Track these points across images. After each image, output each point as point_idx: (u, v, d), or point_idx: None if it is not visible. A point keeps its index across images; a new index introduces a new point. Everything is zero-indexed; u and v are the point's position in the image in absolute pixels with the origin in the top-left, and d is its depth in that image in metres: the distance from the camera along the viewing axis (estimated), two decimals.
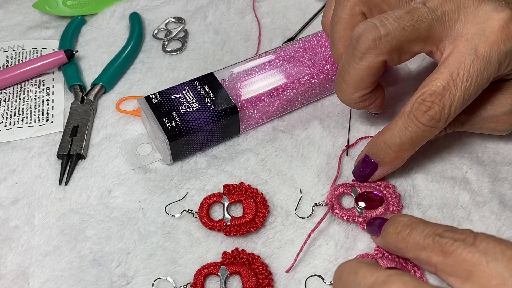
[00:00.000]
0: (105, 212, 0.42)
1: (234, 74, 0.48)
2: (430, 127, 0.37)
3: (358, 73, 0.38)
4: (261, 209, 0.41)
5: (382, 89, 0.42)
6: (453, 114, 0.36)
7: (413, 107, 0.37)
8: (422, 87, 0.37)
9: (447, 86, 0.35)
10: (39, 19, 0.59)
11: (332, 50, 0.43)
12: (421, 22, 0.36)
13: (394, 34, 0.36)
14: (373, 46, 0.36)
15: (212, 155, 0.46)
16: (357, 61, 0.38)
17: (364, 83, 0.39)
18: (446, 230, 0.29)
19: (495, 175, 0.44)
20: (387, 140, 0.39)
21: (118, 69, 0.53)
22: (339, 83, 0.40)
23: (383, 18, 0.37)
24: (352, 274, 0.26)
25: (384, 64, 0.38)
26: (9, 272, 0.39)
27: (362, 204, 0.41)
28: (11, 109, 0.50)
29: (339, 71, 0.40)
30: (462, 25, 0.36)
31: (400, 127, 0.38)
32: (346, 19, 0.41)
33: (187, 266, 0.39)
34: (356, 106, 0.42)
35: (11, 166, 0.46)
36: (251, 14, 0.58)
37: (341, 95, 0.41)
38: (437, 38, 0.37)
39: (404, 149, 0.38)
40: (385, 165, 0.40)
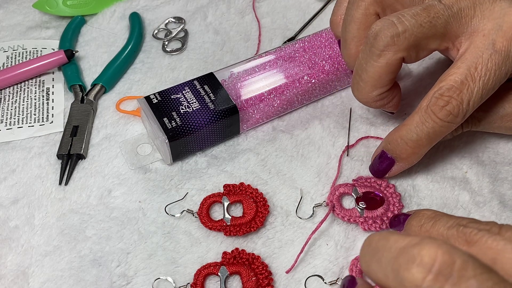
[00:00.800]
0: (105, 212, 0.42)
1: (234, 74, 0.48)
2: (447, 122, 0.36)
3: (376, 70, 0.38)
4: (261, 209, 0.41)
5: (398, 87, 0.42)
6: (471, 109, 0.36)
7: (430, 102, 0.36)
8: (440, 81, 0.36)
9: (465, 81, 0.35)
10: (39, 19, 0.59)
11: (344, 50, 0.43)
12: (438, 18, 0.36)
13: (412, 30, 0.36)
14: (391, 43, 0.36)
15: (212, 155, 0.46)
16: (375, 59, 0.37)
17: (383, 81, 0.39)
18: (470, 221, 0.29)
19: (495, 175, 0.44)
20: (404, 135, 0.38)
21: (118, 69, 0.53)
22: (356, 82, 0.40)
23: (400, 15, 0.36)
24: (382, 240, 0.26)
25: (402, 61, 0.38)
26: (9, 272, 0.39)
27: (362, 204, 0.41)
28: (11, 109, 0.50)
29: (355, 70, 0.40)
30: (479, 21, 0.36)
31: (417, 122, 0.37)
32: (360, 19, 0.41)
33: (187, 266, 0.39)
34: (373, 105, 0.41)
35: (11, 166, 0.46)
36: (251, 14, 0.58)
37: (359, 94, 0.41)
38: (454, 34, 0.37)
39: (421, 145, 0.38)
40: (401, 160, 0.40)
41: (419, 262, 0.24)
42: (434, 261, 0.23)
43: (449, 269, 0.23)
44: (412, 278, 0.24)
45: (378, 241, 0.26)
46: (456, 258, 0.23)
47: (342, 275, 0.39)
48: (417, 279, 0.23)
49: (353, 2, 0.41)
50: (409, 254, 0.24)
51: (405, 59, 0.38)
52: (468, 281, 0.23)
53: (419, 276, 0.23)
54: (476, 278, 0.23)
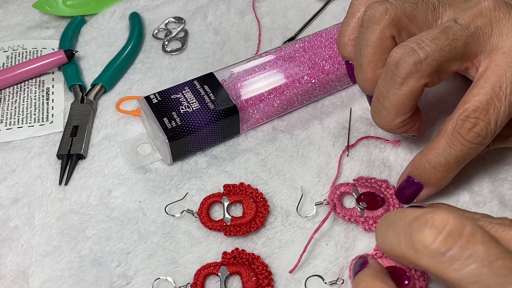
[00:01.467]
0: (105, 212, 0.42)
1: (234, 74, 0.48)
2: (476, 144, 0.36)
3: (399, 98, 0.37)
4: (261, 209, 0.41)
5: (419, 111, 0.41)
6: (499, 129, 0.35)
7: (456, 125, 0.36)
8: (464, 103, 0.36)
9: (491, 101, 0.35)
10: (39, 19, 0.59)
11: (359, 74, 0.41)
12: (457, 40, 0.35)
13: (434, 56, 0.35)
14: (414, 70, 0.35)
15: (212, 155, 0.46)
16: (397, 87, 0.36)
17: (406, 108, 0.38)
18: (483, 216, 0.30)
19: (495, 175, 0.44)
20: (432, 160, 0.38)
21: (118, 69, 0.53)
22: (378, 110, 0.39)
23: (419, 40, 0.36)
24: (399, 212, 0.27)
25: (424, 87, 0.37)
26: (9, 272, 0.39)
27: (363, 204, 0.41)
28: (11, 109, 0.50)
29: (376, 98, 0.39)
30: (497, 38, 0.36)
31: (444, 146, 0.37)
32: (375, 43, 0.39)
33: (187, 266, 0.39)
34: (397, 131, 0.40)
35: (11, 166, 0.46)
36: (251, 14, 0.58)
37: (381, 121, 0.40)
38: (473, 54, 0.36)
39: (450, 169, 0.37)
40: (431, 186, 0.39)
41: (431, 225, 0.25)
42: (445, 224, 0.25)
43: (459, 233, 0.24)
44: (423, 239, 0.25)
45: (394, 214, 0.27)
46: (467, 225, 0.25)
47: (342, 275, 0.39)
48: (427, 239, 0.25)
49: (367, 26, 0.39)
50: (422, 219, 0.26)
51: (428, 84, 0.37)
52: (476, 245, 0.24)
53: (429, 237, 0.25)
54: (483, 244, 0.24)
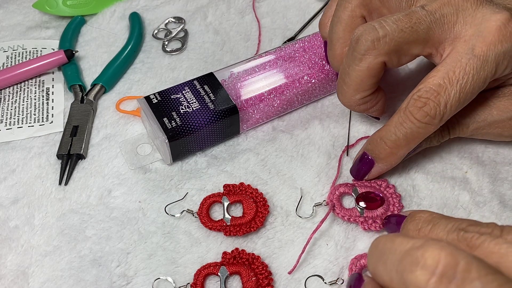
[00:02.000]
0: (105, 212, 0.42)
1: (234, 74, 0.48)
2: (425, 124, 0.37)
3: (358, 74, 0.39)
4: (261, 209, 0.41)
5: (383, 92, 0.42)
6: (448, 112, 0.37)
7: (409, 104, 0.37)
8: (419, 84, 0.37)
9: (443, 83, 0.36)
10: (39, 19, 0.59)
11: (329, 51, 0.44)
12: (420, 24, 0.37)
13: (393, 35, 0.37)
14: (371, 47, 0.37)
15: (212, 155, 0.46)
16: (357, 63, 0.38)
17: (364, 85, 0.39)
18: (470, 224, 0.29)
19: (495, 175, 0.44)
20: (383, 135, 0.39)
21: (118, 69, 0.53)
22: (340, 86, 0.41)
23: (382, 20, 0.37)
24: (389, 242, 0.26)
25: (383, 66, 0.38)
26: (9, 272, 0.39)
27: (362, 204, 0.41)
28: (11, 109, 0.50)
29: (340, 74, 0.41)
30: (461, 27, 0.37)
31: (396, 122, 0.38)
32: (346, 20, 0.41)
33: (187, 266, 0.39)
34: (357, 108, 0.42)
35: (11, 166, 0.46)
36: (251, 14, 0.58)
37: (342, 97, 0.42)
38: (437, 40, 0.37)
39: (399, 145, 0.39)
40: (380, 161, 0.41)
41: (422, 265, 0.24)
42: (437, 263, 0.23)
43: (453, 271, 0.23)
44: (416, 280, 0.24)
45: (384, 244, 0.26)
46: (460, 260, 0.23)
47: (342, 275, 0.39)
48: (421, 281, 0.23)
49: (340, 4, 0.42)
50: (413, 256, 0.24)
51: (387, 64, 0.38)
52: (472, 282, 0.23)
53: (423, 279, 0.23)
54: (480, 279, 0.23)
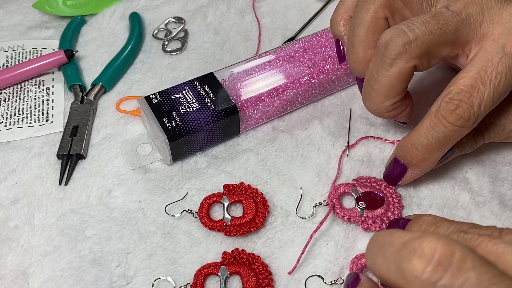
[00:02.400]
0: (105, 212, 0.42)
1: (234, 74, 0.48)
2: (458, 127, 0.36)
3: (389, 80, 0.37)
4: (261, 209, 0.41)
5: (410, 97, 0.41)
6: (482, 113, 0.36)
7: (440, 106, 0.36)
8: (449, 86, 0.36)
9: (475, 84, 0.35)
10: (39, 19, 0.59)
11: (351, 54, 0.42)
12: (447, 25, 0.36)
13: (423, 38, 0.36)
14: (403, 51, 0.36)
15: (212, 155, 0.46)
16: (387, 68, 0.37)
17: (395, 90, 0.38)
18: (471, 227, 0.29)
19: (495, 175, 0.44)
20: (414, 141, 0.38)
21: (118, 69, 0.53)
22: (368, 93, 0.39)
23: (410, 23, 0.36)
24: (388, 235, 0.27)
25: (414, 70, 0.37)
26: (9, 272, 0.39)
27: (363, 204, 0.41)
28: (11, 109, 0.50)
29: (366, 81, 0.39)
30: (488, 26, 0.36)
31: (427, 127, 0.37)
32: (368, 22, 0.40)
33: (187, 266, 0.39)
34: (386, 115, 0.40)
35: (11, 166, 0.46)
36: (251, 14, 0.58)
37: (371, 104, 0.40)
38: (464, 40, 0.37)
39: (431, 150, 0.38)
40: (413, 167, 0.39)
41: (419, 254, 0.24)
42: (434, 252, 0.24)
43: (449, 261, 0.24)
44: (412, 269, 0.24)
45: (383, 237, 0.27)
46: (456, 251, 0.24)
47: (342, 275, 0.39)
48: (417, 270, 0.24)
49: (362, 6, 0.40)
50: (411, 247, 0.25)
51: (417, 67, 0.37)
52: (467, 272, 0.23)
53: (419, 267, 0.24)
54: (475, 270, 0.23)
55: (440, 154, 0.38)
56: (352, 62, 0.42)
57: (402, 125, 0.45)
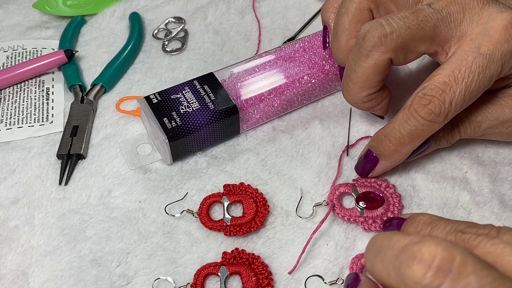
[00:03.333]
0: (105, 212, 0.42)
1: (234, 74, 0.48)
2: (429, 121, 0.37)
3: (364, 71, 0.39)
4: (261, 209, 0.41)
5: (388, 91, 0.42)
6: (453, 110, 0.37)
7: (413, 101, 0.37)
8: (424, 82, 0.37)
9: (448, 81, 0.36)
10: (39, 19, 0.59)
11: (333, 42, 0.43)
12: (426, 22, 0.37)
13: (400, 32, 0.37)
14: (378, 44, 0.37)
15: (212, 155, 0.46)
16: (363, 59, 0.38)
17: (370, 82, 0.39)
18: (468, 226, 0.29)
19: (495, 175, 0.44)
20: (387, 133, 0.39)
21: (118, 69, 0.53)
22: (346, 83, 0.41)
23: (389, 17, 0.37)
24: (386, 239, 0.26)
25: (390, 63, 0.38)
26: (9, 272, 0.39)
27: (363, 204, 0.41)
28: (11, 109, 0.50)
29: (345, 71, 0.41)
30: (467, 25, 0.37)
31: (400, 120, 0.38)
32: (353, 12, 0.41)
33: (187, 266, 0.39)
34: (362, 106, 0.42)
35: (11, 166, 0.46)
36: (251, 14, 0.58)
37: (348, 94, 0.41)
38: (443, 38, 0.38)
39: (403, 143, 0.39)
40: (384, 158, 0.40)
41: (419, 259, 0.24)
42: (433, 257, 0.24)
43: (449, 266, 0.23)
44: (412, 274, 0.24)
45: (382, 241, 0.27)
46: (456, 255, 0.24)
47: (342, 275, 0.39)
48: (417, 275, 0.24)
49: None
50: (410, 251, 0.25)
51: (393, 61, 0.38)
52: (468, 277, 0.23)
53: (419, 273, 0.24)
54: (475, 274, 0.23)
55: (411, 148, 0.39)
56: (334, 49, 0.44)
57: (380, 118, 0.46)
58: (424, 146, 0.41)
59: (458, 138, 0.42)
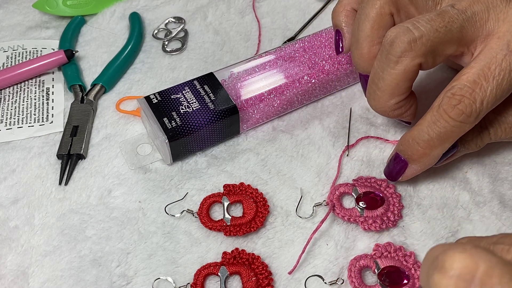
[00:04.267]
0: (105, 212, 0.42)
1: (234, 74, 0.48)
2: (460, 122, 0.36)
3: (394, 78, 0.37)
4: (261, 209, 0.41)
5: (415, 96, 0.41)
6: (485, 109, 0.35)
7: (442, 101, 0.36)
8: (452, 81, 0.36)
9: (478, 80, 0.35)
10: (39, 19, 0.59)
11: (355, 50, 0.41)
12: (453, 23, 0.36)
13: (429, 35, 0.36)
14: (408, 49, 0.36)
15: (212, 155, 0.46)
16: (392, 66, 0.37)
17: (400, 89, 0.38)
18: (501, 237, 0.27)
19: (495, 175, 0.44)
20: (415, 136, 0.38)
21: (118, 69, 0.53)
22: (373, 91, 0.39)
23: (415, 21, 0.36)
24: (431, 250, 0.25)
25: (419, 68, 0.37)
26: (9, 272, 0.39)
27: (363, 204, 0.41)
28: (11, 109, 0.50)
29: (371, 79, 0.39)
30: (493, 24, 0.36)
31: (429, 122, 0.37)
32: (374, 17, 0.40)
33: (187, 266, 0.39)
34: (391, 114, 0.40)
35: (11, 166, 0.46)
36: (251, 14, 0.58)
37: (376, 103, 0.40)
38: (469, 38, 0.37)
39: (432, 145, 0.37)
40: (413, 162, 0.39)
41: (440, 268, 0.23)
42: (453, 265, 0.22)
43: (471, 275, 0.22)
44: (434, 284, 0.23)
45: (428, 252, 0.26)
46: (481, 263, 0.22)
47: (342, 275, 0.39)
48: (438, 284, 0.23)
49: (368, 1, 0.40)
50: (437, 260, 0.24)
51: (422, 65, 0.37)
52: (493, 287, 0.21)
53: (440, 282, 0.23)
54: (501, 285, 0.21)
55: (441, 150, 0.38)
56: (356, 57, 0.42)
57: (406, 124, 0.45)
58: (452, 150, 0.39)
59: (488, 141, 0.41)
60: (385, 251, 0.39)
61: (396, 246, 0.39)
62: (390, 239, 0.40)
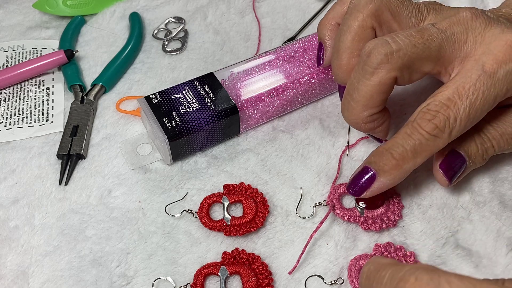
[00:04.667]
0: (105, 212, 0.42)
1: (234, 74, 0.48)
2: (433, 136, 0.36)
3: (369, 89, 0.37)
4: (261, 209, 0.41)
5: (388, 113, 0.41)
6: (457, 127, 0.36)
7: (417, 116, 0.37)
8: (428, 99, 0.37)
9: (453, 98, 0.36)
10: (39, 19, 0.59)
11: (334, 60, 0.42)
12: (432, 41, 0.37)
13: (406, 50, 0.36)
14: (385, 61, 0.36)
15: (212, 155, 0.46)
16: (367, 77, 0.37)
17: (374, 101, 0.38)
18: None
19: (495, 175, 0.44)
20: (390, 147, 0.38)
21: (118, 69, 0.53)
22: (347, 102, 0.39)
23: (394, 35, 0.37)
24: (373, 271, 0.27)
25: (394, 82, 0.38)
26: (9, 272, 0.39)
27: (363, 204, 0.41)
28: (11, 109, 0.50)
29: (347, 90, 0.39)
30: (471, 46, 0.37)
31: (404, 134, 0.37)
32: (355, 30, 0.40)
33: (187, 266, 0.39)
34: (363, 127, 0.40)
35: (11, 166, 0.46)
36: (251, 14, 0.58)
37: (349, 114, 0.40)
38: (447, 59, 0.37)
39: (405, 157, 0.37)
40: (384, 174, 0.38)
41: None
42: None
43: None
44: None
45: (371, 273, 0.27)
46: None
47: (342, 275, 0.39)
48: None
49: (351, 13, 0.40)
50: None
51: (398, 80, 0.38)
52: None
53: None
54: None
55: (413, 165, 0.38)
56: (335, 68, 0.42)
57: (378, 142, 0.44)
58: (462, 167, 0.40)
59: (492, 153, 0.41)
60: (385, 251, 0.39)
61: (396, 246, 0.39)
62: (390, 239, 0.40)
